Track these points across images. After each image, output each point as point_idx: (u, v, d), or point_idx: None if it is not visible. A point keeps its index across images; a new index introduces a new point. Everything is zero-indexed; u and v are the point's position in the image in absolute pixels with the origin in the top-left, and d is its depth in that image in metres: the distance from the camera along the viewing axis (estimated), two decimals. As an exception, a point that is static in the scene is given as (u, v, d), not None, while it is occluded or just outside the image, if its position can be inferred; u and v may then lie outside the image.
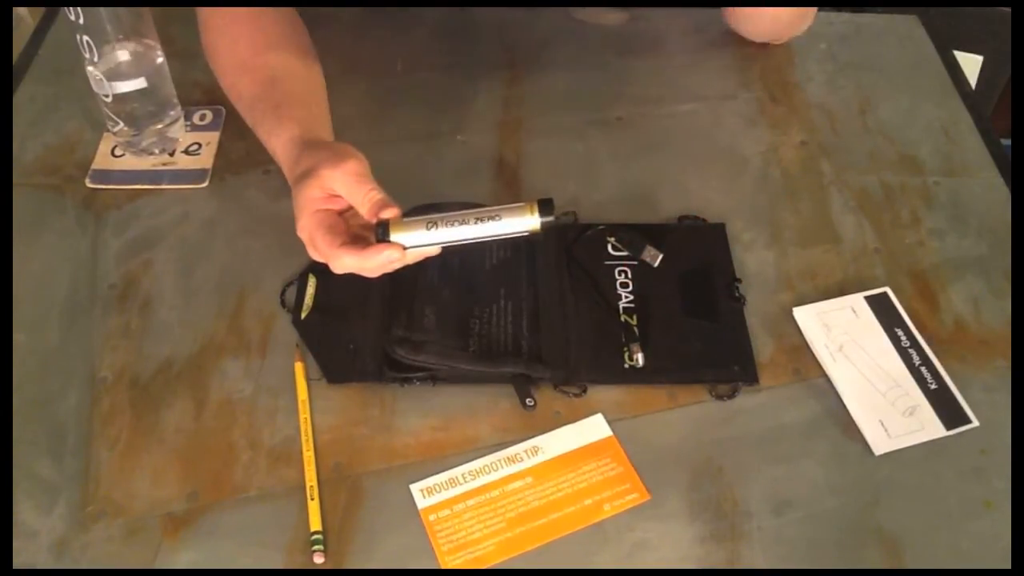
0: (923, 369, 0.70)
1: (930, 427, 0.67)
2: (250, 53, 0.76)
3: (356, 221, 0.67)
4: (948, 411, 0.67)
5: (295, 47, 0.78)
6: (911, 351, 0.71)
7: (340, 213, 0.66)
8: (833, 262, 0.78)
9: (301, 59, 0.78)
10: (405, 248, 0.63)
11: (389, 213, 0.63)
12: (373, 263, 0.63)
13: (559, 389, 0.69)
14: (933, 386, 0.69)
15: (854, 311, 0.73)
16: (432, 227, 0.63)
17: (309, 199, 0.65)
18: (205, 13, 0.79)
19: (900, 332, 0.72)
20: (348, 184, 0.64)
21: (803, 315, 0.73)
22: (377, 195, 0.64)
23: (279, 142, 0.71)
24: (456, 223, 0.63)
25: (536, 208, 0.63)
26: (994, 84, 1.29)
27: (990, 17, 1.25)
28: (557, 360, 0.69)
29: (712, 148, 0.87)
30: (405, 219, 0.64)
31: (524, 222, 0.63)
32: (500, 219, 0.63)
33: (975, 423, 0.67)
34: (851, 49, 0.98)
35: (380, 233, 0.63)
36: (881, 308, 0.73)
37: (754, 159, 0.86)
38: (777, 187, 0.84)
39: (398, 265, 0.64)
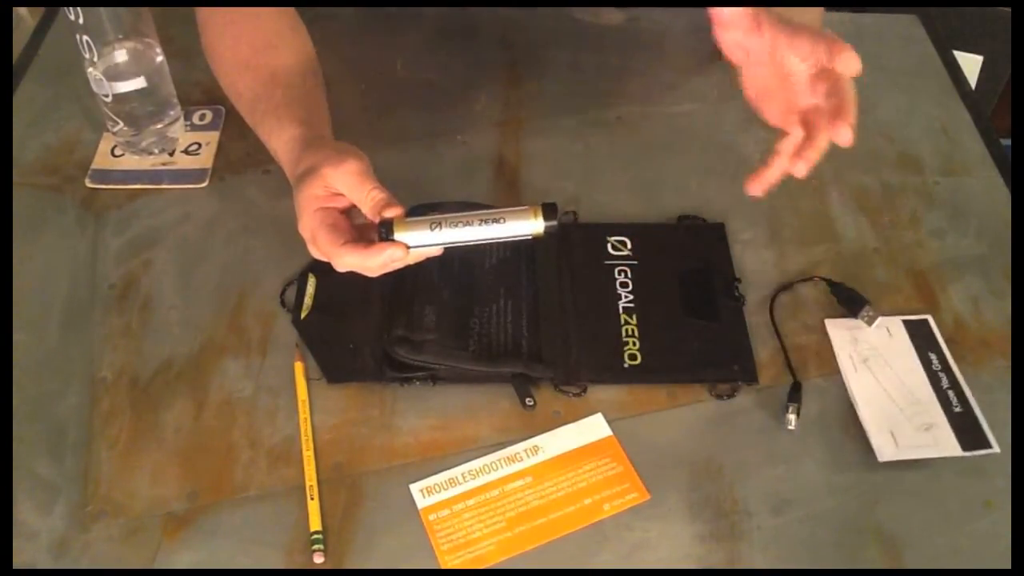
0: (950, 392, 0.68)
1: (945, 445, 0.65)
2: (250, 53, 0.76)
3: (358, 220, 0.67)
4: (969, 434, 0.66)
5: (295, 47, 0.78)
6: (941, 374, 0.70)
7: (342, 212, 0.66)
8: (833, 262, 0.78)
9: (301, 59, 0.78)
10: (408, 247, 0.63)
11: (392, 212, 0.63)
12: (375, 262, 0.63)
13: (559, 389, 0.69)
14: (958, 409, 0.67)
15: (888, 331, 0.72)
16: (436, 227, 0.63)
17: (311, 197, 0.65)
18: (205, 13, 0.79)
19: (933, 356, 0.71)
20: (350, 183, 0.64)
21: (834, 326, 0.72)
22: (380, 194, 0.64)
23: (280, 142, 0.71)
24: (460, 224, 0.63)
25: (540, 212, 0.63)
26: (994, 84, 1.29)
27: (990, 17, 1.25)
28: (557, 360, 0.69)
29: (712, 148, 0.87)
30: (408, 219, 0.64)
31: (528, 226, 0.63)
32: (504, 222, 0.63)
33: (996, 449, 0.65)
34: (851, 49, 0.97)
35: (383, 232, 0.63)
36: (918, 333, 0.72)
37: (754, 159, 0.86)
38: (776, 186, 0.84)
39: (400, 264, 0.64)
